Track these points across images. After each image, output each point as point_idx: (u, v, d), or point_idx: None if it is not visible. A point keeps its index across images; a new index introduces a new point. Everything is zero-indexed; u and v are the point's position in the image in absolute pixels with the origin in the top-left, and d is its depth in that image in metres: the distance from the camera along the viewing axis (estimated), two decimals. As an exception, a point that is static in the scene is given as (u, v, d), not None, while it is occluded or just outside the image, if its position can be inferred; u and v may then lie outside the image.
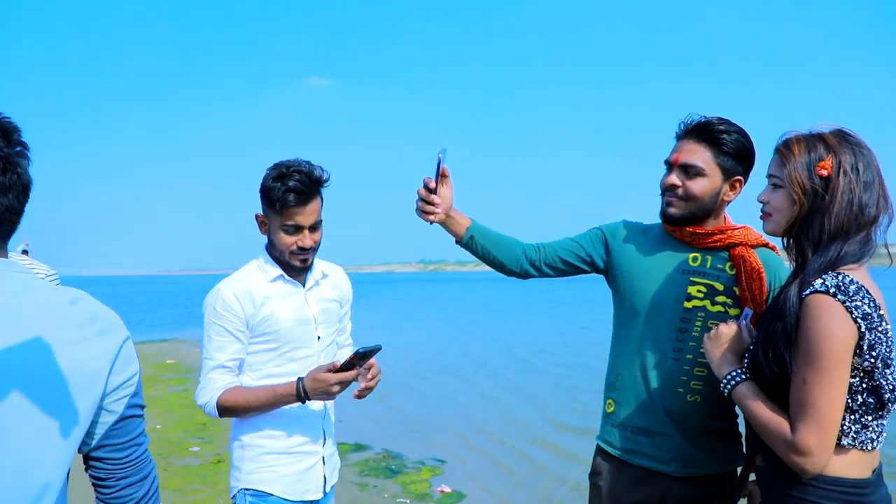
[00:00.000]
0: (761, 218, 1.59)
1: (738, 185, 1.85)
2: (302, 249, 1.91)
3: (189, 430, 6.71)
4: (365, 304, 34.27)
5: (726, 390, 1.54)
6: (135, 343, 1.11)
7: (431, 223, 1.88)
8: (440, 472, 5.53)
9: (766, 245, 1.88)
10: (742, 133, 1.81)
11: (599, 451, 1.97)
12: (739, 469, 1.96)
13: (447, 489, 5.04)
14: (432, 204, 1.83)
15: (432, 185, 1.83)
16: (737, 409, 1.89)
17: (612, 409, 1.95)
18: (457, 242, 1.97)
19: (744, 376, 1.52)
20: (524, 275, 2.00)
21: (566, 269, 2.01)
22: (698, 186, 1.80)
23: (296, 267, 1.96)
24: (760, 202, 1.58)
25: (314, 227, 1.93)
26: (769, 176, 1.56)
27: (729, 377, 1.53)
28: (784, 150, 1.50)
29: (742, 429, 1.94)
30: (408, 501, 4.78)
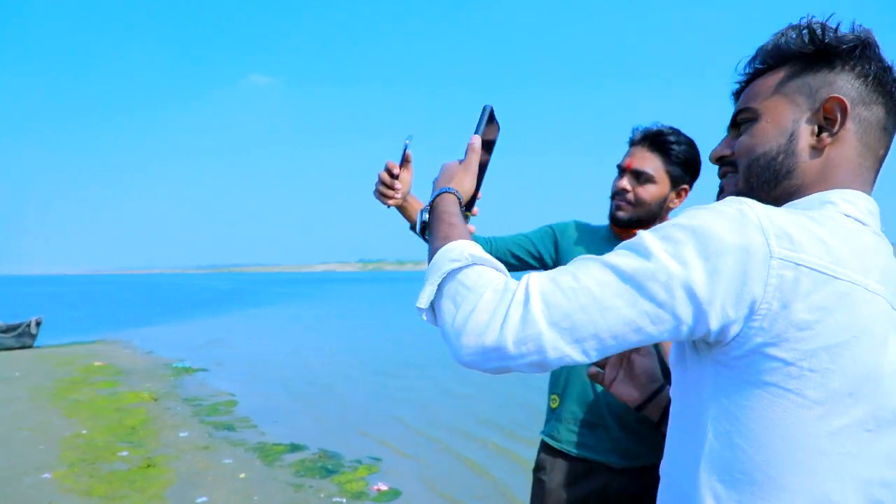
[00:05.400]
0: None
1: (683, 193, 1.94)
2: None
3: (118, 434, 6.49)
4: (304, 303, 33.83)
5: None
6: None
7: (389, 206, 1.88)
8: (377, 471, 5.53)
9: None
10: (691, 144, 1.91)
11: (543, 446, 2.02)
12: None
13: (383, 487, 5.06)
14: (392, 188, 1.84)
15: (396, 170, 1.84)
16: None
17: (556, 404, 2.01)
18: (411, 228, 1.99)
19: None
20: None
21: (515, 263, 2.06)
22: (648, 193, 1.88)
23: None
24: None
25: None
26: None
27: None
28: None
29: None
30: (344, 500, 4.77)
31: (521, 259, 2.07)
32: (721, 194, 0.99)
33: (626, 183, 1.90)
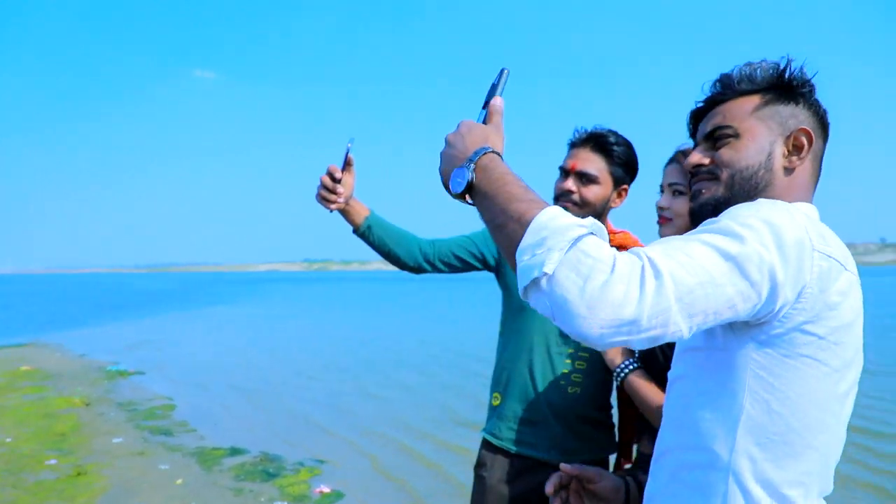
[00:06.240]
0: (659, 223, 1.72)
1: (623, 193, 1.98)
2: None
3: (45, 441, 6.19)
4: (245, 304, 33.14)
5: (619, 378, 1.63)
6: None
7: (332, 211, 1.86)
8: (319, 473, 5.44)
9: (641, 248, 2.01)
10: (630, 145, 1.95)
11: (485, 444, 2.04)
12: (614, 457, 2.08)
13: (326, 489, 4.98)
14: (334, 192, 1.82)
15: (338, 174, 1.82)
16: (612, 400, 2.03)
17: (497, 402, 2.03)
18: (354, 232, 1.97)
19: (636, 364, 1.61)
20: (418, 269, 2.03)
21: (459, 265, 2.07)
22: (592, 193, 1.90)
23: None
24: (661, 208, 1.70)
25: None
26: (671, 184, 1.68)
27: (623, 366, 1.62)
28: (684, 158, 1.61)
29: (615, 419, 2.08)
30: (285, 504, 4.68)
31: (463, 260, 2.07)
32: (696, 198, 1.11)
33: (571, 184, 1.92)
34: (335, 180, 1.81)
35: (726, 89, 1.09)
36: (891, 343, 13.45)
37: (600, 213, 1.95)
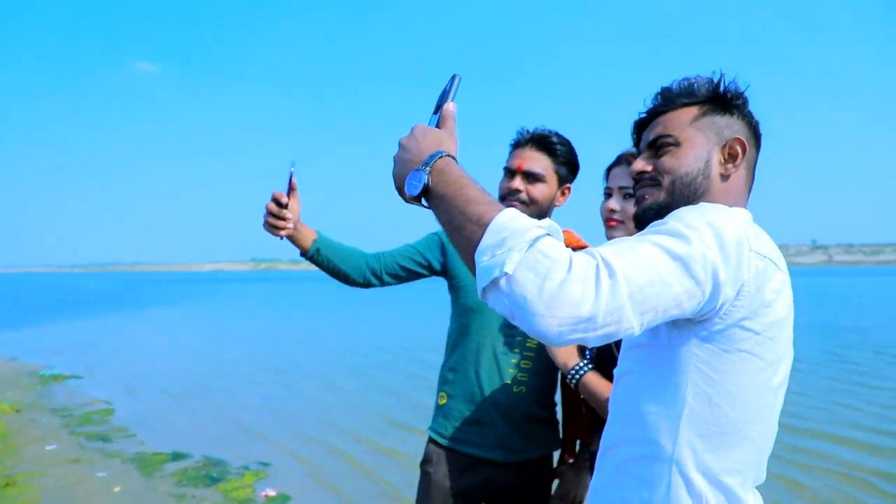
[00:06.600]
0: (609, 225, 1.74)
1: (567, 191, 2.03)
2: None
3: (-29, 450, 5.88)
4: (188, 304, 32.31)
5: (574, 381, 1.64)
6: None
7: (282, 238, 1.84)
8: (264, 476, 5.33)
9: (585, 248, 2.06)
10: (571, 145, 2.00)
11: (431, 441, 2.07)
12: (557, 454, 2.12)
13: (272, 493, 4.88)
14: (283, 219, 1.79)
15: (284, 200, 1.79)
16: (556, 398, 2.07)
17: (444, 401, 2.06)
18: (302, 255, 1.95)
19: (590, 366, 1.63)
20: (366, 285, 2.03)
21: (406, 275, 2.07)
22: (539, 192, 1.94)
23: None
24: (611, 210, 1.73)
25: None
26: (621, 187, 1.71)
27: (577, 368, 1.64)
28: (632, 160, 1.63)
29: (559, 416, 2.11)
30: (229, 509, 4.55)
31: (410, 270, 2.08)
32: (640, 203, 1.16)
33: (518, 183, 1.95)
34: (282, 206, 1.80)
35: (667, 101, 1.16)
36: (816, 342, 14.01)
37: (546, 211, 1.99)
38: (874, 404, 8.00)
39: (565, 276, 0.79)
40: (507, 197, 1.96)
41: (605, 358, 1.63)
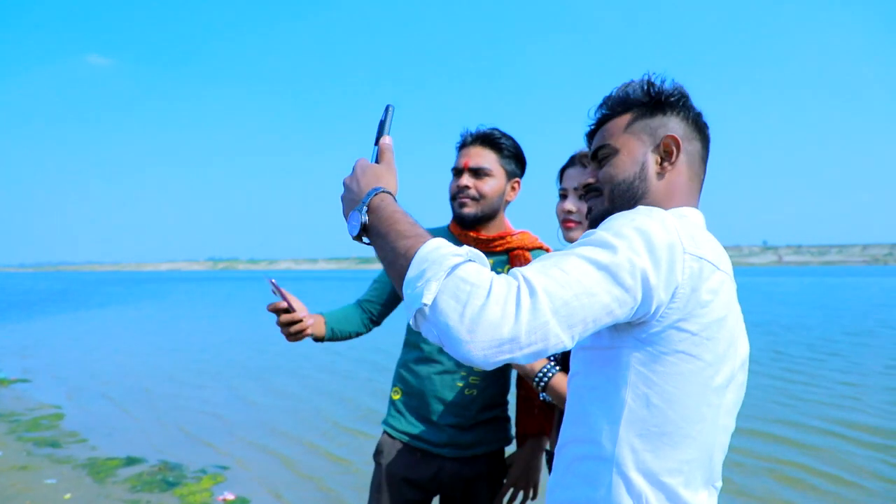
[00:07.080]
0: (566, 226, 1.76)
1: (516, 185, 2.08)
2: None
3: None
4: (143, 304, 31.51)
5: (541, 385, 1.65)
6: None
7: (311, 337, 1.95)
8: (223, 480, 5.24)
9: (541, 248, 2.10)
10: (515, 140, 2.05)
11: (384, 433, 2.13)
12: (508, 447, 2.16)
13: (230, 497, 4.80)
14: (298, 321, 1.84)
15: (284, 304, 1.83)
16: (509, 396, 2.09)
17: (397, 396, 2.12)
18: (318, 341, 2.04)
19: (556, 369, 1.65)
20: (369, 330, 2.19)
21: (389, 305, 2.18)
22: (488, 186, 1.99)
23: None
24: (568, 211, 1.74)
25: None
26: (576, 188, 1.73)
27: (543, 372, 1.65)
28: (587, 161, 1.65)
29: (512, 412, 2.14)
30: (186, 514, 4.46)
31: (390, 301, 2.17)
32: (589, 213, 1.19)
33: (466, 180, 2.00)
34: (289, 311, 1.82)
35: (607, 110, 1.19)
36: (763, 340, 14.40)
37: (497, 207, 2.03)
38: (806, 401, 8.22)
39: (485, 301, 0.81)
40: (458, 195, 2.01)
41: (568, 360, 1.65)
